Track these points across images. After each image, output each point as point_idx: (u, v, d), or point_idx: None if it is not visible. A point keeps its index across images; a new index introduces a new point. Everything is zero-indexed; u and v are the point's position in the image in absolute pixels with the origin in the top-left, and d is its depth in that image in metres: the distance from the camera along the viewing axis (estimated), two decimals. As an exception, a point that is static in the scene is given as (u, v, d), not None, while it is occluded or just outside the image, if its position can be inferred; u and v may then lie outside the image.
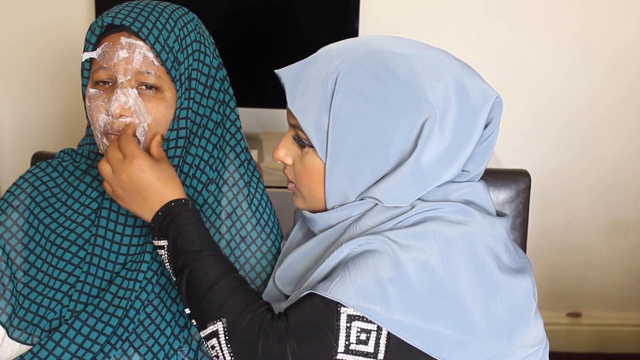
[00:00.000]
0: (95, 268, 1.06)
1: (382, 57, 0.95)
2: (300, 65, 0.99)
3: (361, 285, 0.88)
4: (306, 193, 1.01)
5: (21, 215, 1.10)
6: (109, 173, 1.00)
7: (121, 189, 1.00)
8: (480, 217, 0.95)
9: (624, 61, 2.22)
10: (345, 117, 0.94)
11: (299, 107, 0.96)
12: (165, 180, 0.99)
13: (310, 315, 0.90)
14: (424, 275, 0.89)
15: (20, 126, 2.23)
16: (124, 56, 1.03)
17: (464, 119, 0.94)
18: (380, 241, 0.91)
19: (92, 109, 1.06)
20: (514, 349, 0.94)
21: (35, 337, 1.03)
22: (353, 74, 0.94)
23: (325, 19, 2.07)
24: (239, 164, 1.14)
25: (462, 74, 0.96)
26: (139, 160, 0.98)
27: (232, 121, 1.15)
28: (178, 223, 0.97)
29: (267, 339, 0.90)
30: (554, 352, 2.36)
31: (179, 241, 0.96)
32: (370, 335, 0.89)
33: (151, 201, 0.99)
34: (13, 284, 1.06)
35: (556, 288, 2.39)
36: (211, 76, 1.10)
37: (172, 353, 1.04)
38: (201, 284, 0.94)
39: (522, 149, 2.24)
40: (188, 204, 0.99)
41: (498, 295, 0.92)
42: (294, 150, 1.01)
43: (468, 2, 2.16)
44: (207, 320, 0.93)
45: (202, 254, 0.96)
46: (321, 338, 0.89)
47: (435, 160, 0.93)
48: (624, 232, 2.36)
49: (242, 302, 0.93)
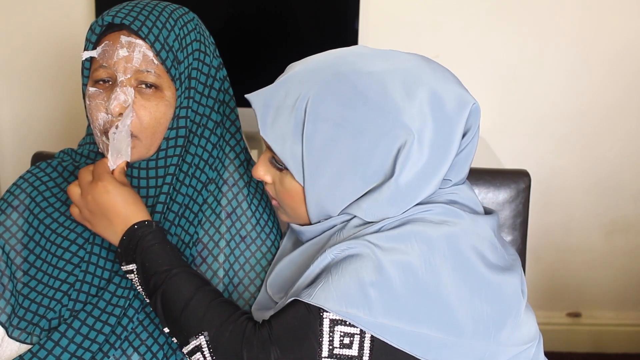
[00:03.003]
0: (94, 267, 1.06)
1: (351, 80, 0.92)
2: (269, 90, 0.97)
3: (344, 291, 0.88)
4: (289, 211, 1.02)
5: (21, 215, 1.10)
6: (77, 195, 1.02)
7: (88, 210, 1.01)
8: (465, 216, 0.94)
9: (624, 61, 2.22)
10: (318, 145, 0.93)
11: (271, 135, 0.95)
12: (129, 202, 1.00)
13: (293, 321, 0.90)
14: (407, 277, 0.89)
15: (20, 126, 2.23)
16: (124, 55, 1.03)
17: (441, 132, 0.92)
18: (362, 245, 0.90)
19: (92, 108, 1.06)
20: (502, 347, 0.93)
21: (34, 336, 1.03)
22: (322, 101, 0.92)
23: (325, 19, 2.07)
24: (238, 163, 1.14)
25: (437, 83, 0.93)
26: (104, 182, 1.00)
27: (232, 121, 1.15)
28: (144, 245, 0.98)
29: (250, 348, 0.90)
30: (554, 352, 2.37)
31: (148, 262, 0.97)
32: (354, 338, 0.89)
33: (116, 224, 1.00)
34: (13, 284, 1.06)
35: (556, 288, 2.39)
36: (211, 76, 1.11)
37: (170, 353, 1.04)
38: (177, 302, 0.95)
39: (522, 149, 2.24)
40: (151, 224, 1.00)
41: (483, 294, 0.92)
42: (272, 170, 1.00)
43: (468, 2, 2.16)
44: (189, 336, 0.94)
45: (173, 272, 0.96)
46: (305, 344, 0.89)
47: (414, 179, 0.92)
48: (624, 232, 2.36)
49: (221, 314, 0.94)
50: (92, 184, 1.01)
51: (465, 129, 0.95)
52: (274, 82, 0.99)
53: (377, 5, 2.13)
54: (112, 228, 1.00)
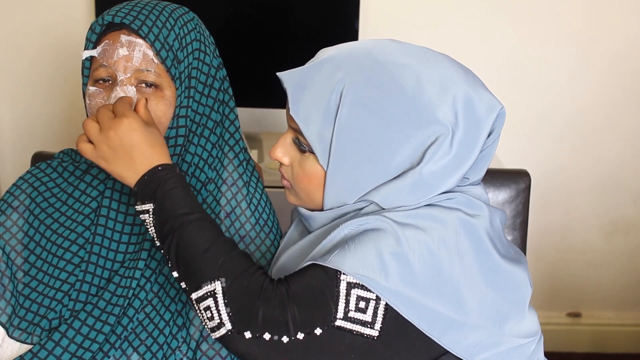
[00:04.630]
0: (94, 267, 1.06)
1: (387, 69, 0.94)
2: (303, 70, 0.98)
3: (362, 256, 0.89)
4: (302, 194, 1.02)
5: (21, 215, 1.10)
6: (95, 130, 0.97)
7: (107, 146, 0.96)
8: (484, 207, 0.97)
9: (624, 61, 2.22)
10: (351, 129, 0.94)
11: (302, 114, 0.96)
12: (154, 144, 0.97)
13: (311, 282, 0.90)
14: (422, 252, 0.90)
15: (20, 126, 2.23)
16: (124, 54, 1.03)
17: (469, 132, 0.94)
18: (380, 220, 0.92)
19: (92, 107, 1.06)
20: (506, 338, 0.94)
21: (35, 336, 1.03)
22: (359, 86, 0.94)
23: (325, 19, 2.07)
24: (237, 163, 1.14)
25: (468, 87, 0.96)
26: (130, 119, 0.96)
27: (232, 121, 1.15)
28: (166, 187, 0.95)
29: (268, 304, 0.89)
30: (554, 352, 2.37)
31: (168, 203, 0.94)
32: (369, 304, 0.89)
33: (138, 162, 0.96)
34: (13, 285, 1.06)
35: (556, 288, 2.39)
36: (211, 75, 1.11)
37: (170, 352, 1.04)
38: (195, 245, 0.92)
39: (522, 149, 2.24)
40: (175, 168, 0.97)
41: (494, 280, 0.94)
42: (292, 152, 1.01)
43: (468, 2, 2.16)
44: (202, 281, 0.91)
45: (194, 216, 0.94)
46: (321, 303, 0.89)
47: (438, 171, 0.94)
48: (624, 232, 2.36)
49: (240, 264, 0.92)
50: (115, 120, 0.96)
51: (490, 130, 0.98)
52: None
53: (377, 5, 2.14)
54: (133, 167, 0.96)
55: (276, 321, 0.88)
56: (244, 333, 0.89)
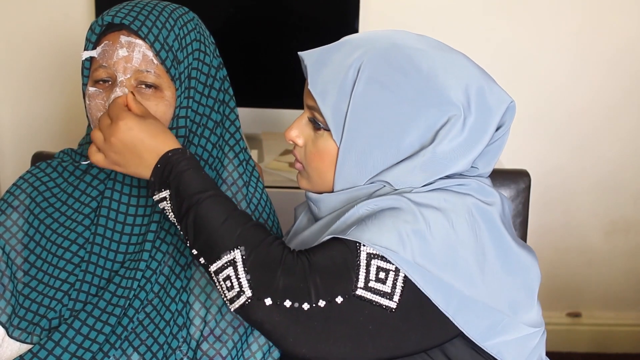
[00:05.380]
0: (94, 267, 1.06)
1: (405, 52, 0.98)
2: (324, 49, 1.02)
3: (380, 230, 0.91)
4: (314, 175, 1.03)
5: (21, 215, 1.10)
6: (100, 140, 0.99)
7: (114, 153, 0.98)
8: (496, 193, 1.00)
9: (624, 61, 2.22)
10: (366, 104, 0.96)
11: (320, 88, 0.98)
12: (156, 133, 0.98)
13: (332, 252, 0.91)
14: (438, 229, 0.92)
15: (20, 126, 2.23)
16: (124, 55, 1.03)
17: (480, 119, 0.97)
18: (397, 200, 0.94)
19: (92, 108, 1.06)
20: (517, 324, 0.96)
21: (35, 336, 1.03)
22: (376, 64, 0.97)
23: (325, 19, 2.07)
24: (237, 163, 1.14)
25: (481, 78, 0.99)
26: (124, 120, 0.97)
27: (232, 121, 1.15)
28: (179, 170, 0.95)
29: (289, 273, 0.89)
30: (554, 352, 2.37)
31: (182, 186, 0.95)
32: (389, 275, 0.90)
33: (146, 157, 0.97)
34: (13, 284, 1.06)
35: (556, 288, 2.39)
36: (211, 76, 1.11)
37: (170, 352, 1.04)
38: (212, 218, 0.93)
39: (522, 148, 2.23)
40: (185, 151, 0.98)
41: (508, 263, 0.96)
42: (306, 132, 1.03)
43: (468, 2, 2.16)
44: (222, 251, 0.91)
45: (207, 193, 0.94)
46: (343, 273, 0.90)
47: (449, 152, 0.96)
48: (624, 232, 2.36)
49: (257, 234, 0.93)
50: (112, 126, 0.98)
51: (500, 123, 1.00)
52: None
53: (377, 5, 2.14)
54: (144, 163, 0.97)
55: (298, 288, 0.89)
56: (264, 300, 0.89)
